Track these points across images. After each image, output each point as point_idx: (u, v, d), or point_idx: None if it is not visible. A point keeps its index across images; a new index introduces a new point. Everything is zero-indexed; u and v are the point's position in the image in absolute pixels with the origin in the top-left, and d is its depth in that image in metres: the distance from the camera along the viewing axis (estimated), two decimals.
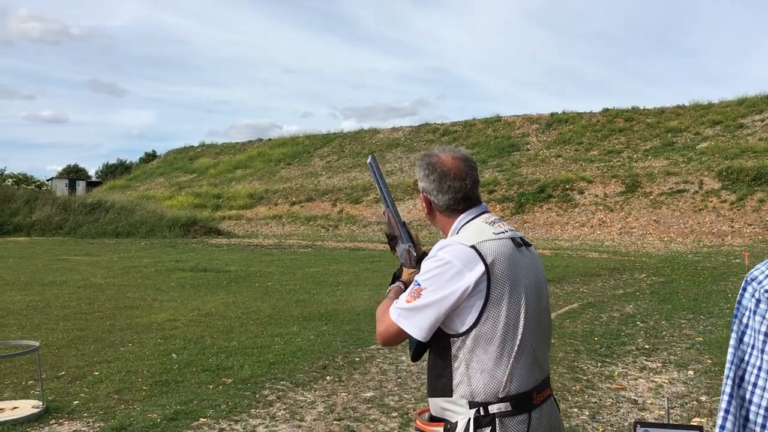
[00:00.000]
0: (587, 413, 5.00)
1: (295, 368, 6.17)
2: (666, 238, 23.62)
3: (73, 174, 62.47)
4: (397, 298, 1.83)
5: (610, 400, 5.35)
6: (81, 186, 50.28)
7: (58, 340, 7.32)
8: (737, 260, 16.57)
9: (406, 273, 2.05)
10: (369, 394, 5.46)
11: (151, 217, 28.05)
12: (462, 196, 1.85)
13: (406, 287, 1.84)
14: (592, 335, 7.91)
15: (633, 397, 5.41)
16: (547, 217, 28.25)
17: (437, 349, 1.76)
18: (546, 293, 1.90)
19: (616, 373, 6.17)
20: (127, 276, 13.60)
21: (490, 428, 1.69)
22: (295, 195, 37.71)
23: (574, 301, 10.55)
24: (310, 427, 4.64)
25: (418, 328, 1.71)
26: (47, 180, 55.93)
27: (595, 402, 5.29)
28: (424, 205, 1.94)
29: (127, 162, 67.40)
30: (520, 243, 1.82)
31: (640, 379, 5.99)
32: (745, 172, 25.05)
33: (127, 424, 4.54)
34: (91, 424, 4.62)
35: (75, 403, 5.07)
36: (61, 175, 59.02)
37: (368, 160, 2.36)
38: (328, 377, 5.94)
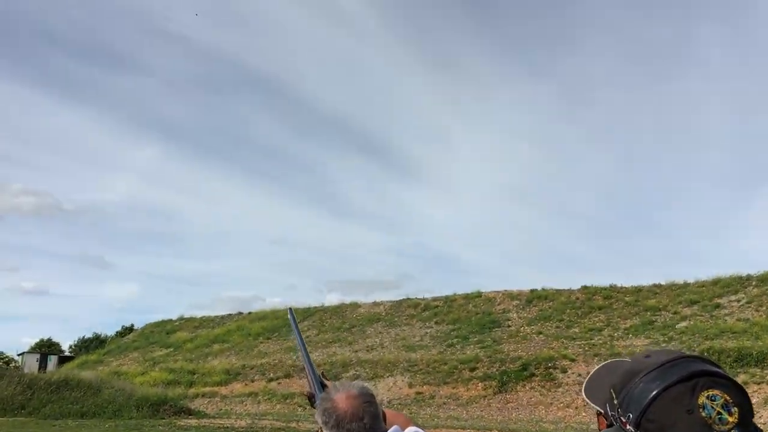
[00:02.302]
0: None
1: None
2: None
3: (46, 348, 60.92)
4: None
5: None
6: (53, 361, 48.81)
7: None
8: None
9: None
10: None
11: (120, 396, 26.91)
12: None
13: None
14: None
15: None
16: (530, 396, 27.48)
17: None
18: None
19: None
20: None
21: None
22: (273, 371, 36.67)
23: None
24: None
25: None
26: (18, 354, 54.38)
27: None
28: None
29: (103, 336, 66.05)
30: None
31: None
32: (726, 353, 24.87)
33: None
34: None
35: None
36: (33, 350, 57.42)
37: (288, 315, 2.28)
38: None
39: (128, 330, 60.40)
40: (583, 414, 25.01)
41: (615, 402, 1.40)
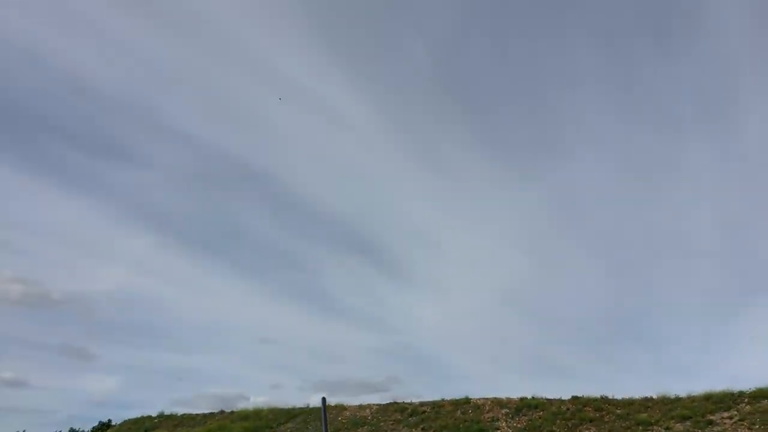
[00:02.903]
0: None
1: None
2: None
3: None
4: None
5: None
6: None
7: None
8: None
9: None
10: None
11: None
12: None
13: None
14: None
15: None
16: None
17: None
18: None
19: None
20: None
21: None
22: None
23: None
24: None
25: None
26: None
27: None
28: None
29: (80, 431, 63.82)
30: None
31: None
32: None
33: None
34: None
35: None
36: None
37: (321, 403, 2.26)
38: None
39: (106, 426, 58.43)
40: None
41: None
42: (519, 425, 34.82)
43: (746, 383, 33.18)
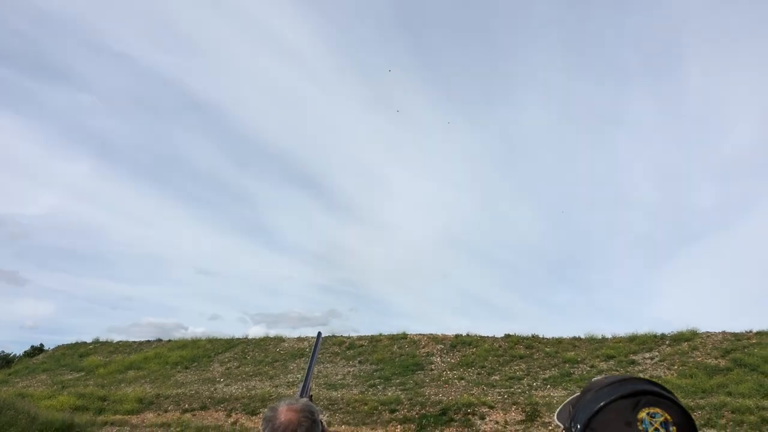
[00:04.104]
0: None
1: None
2: None
3: None
4: None
5: None
6: None
7: None
8: None
9: None
10: None
11: (23, 419, 25.60)
12: None
13: None
14: None
15: None
16: None
17: None
18: None
19: None
20: None
21: None
22: (189, 402, 35.59)
23: None
24: None
25: None
26: None
27: None
28: None
29: (11, 355, 62.81)
30: None
31: None
32: None
33: None
34: None
35: None
36: None
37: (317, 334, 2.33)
38: None
39: (38, 350, 57.71)
40: None
41: (569, 416, 1.50)
42: (453, 360, 35.97)
43: (668, 327, 35.04)
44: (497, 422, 28.19)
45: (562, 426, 1.60)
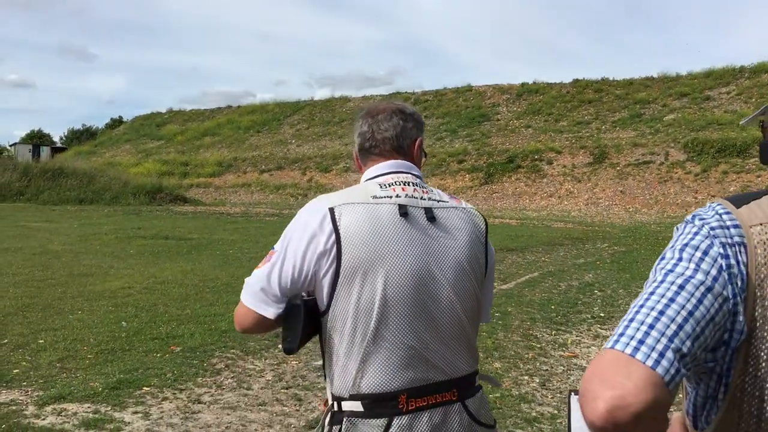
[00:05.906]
0: (537, 380, 4.99)
1: (247, 336, 6.06)
2: (631, 209, 23.87)
3: (37, 139, 61.01)
4: None
5: (562, 367, 5.36)
6: (45, 152, 49.08)
7: (6, 307, 7.09)
8: None
9: None
10: (320, 362, 5.39)
11: (116, 184, 27.53)
12: (370, 140, 1.66)
13: None
14: (549, 303, 7.94)
15: (584, 365, 5.42)
16: (515, 187, 28.35)
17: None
18: (456, 280, 1.54)
19: (569, 341, 6.19)
20: (85, 243, 13.31)
21: (338, 427, 1.49)
22: (264, 163, 37.32)
23: (534, 270, 10.60)
24: (256, 396, 4.57)
25: (261, 300, 1.50)
26: (10, 145, 54.61)
27: (546, 369, 5.29)
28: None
29: (93, 128, 66.00)
30: (420, 214, 1.54)
31: (593, 347, 6.02)
32: (710, 144, 25.32)
33: (66, 393, 4.41)
34: (29, 393, 4.48)
35: (15, 371, 4.92)
36: (24, 141, 57.63)
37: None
38: (279, 345, 5.85)
39: (118, 122, 60.27)
40: (565, 203, 25.99)
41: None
42: (519, 109, 35.67)
43: (749, 59, 33.09)
44: (564, 166, 28.58)
45: (755, 115, 1.43)
